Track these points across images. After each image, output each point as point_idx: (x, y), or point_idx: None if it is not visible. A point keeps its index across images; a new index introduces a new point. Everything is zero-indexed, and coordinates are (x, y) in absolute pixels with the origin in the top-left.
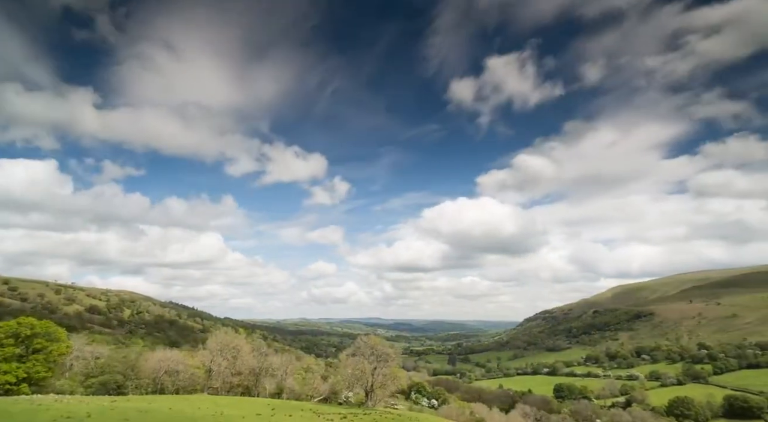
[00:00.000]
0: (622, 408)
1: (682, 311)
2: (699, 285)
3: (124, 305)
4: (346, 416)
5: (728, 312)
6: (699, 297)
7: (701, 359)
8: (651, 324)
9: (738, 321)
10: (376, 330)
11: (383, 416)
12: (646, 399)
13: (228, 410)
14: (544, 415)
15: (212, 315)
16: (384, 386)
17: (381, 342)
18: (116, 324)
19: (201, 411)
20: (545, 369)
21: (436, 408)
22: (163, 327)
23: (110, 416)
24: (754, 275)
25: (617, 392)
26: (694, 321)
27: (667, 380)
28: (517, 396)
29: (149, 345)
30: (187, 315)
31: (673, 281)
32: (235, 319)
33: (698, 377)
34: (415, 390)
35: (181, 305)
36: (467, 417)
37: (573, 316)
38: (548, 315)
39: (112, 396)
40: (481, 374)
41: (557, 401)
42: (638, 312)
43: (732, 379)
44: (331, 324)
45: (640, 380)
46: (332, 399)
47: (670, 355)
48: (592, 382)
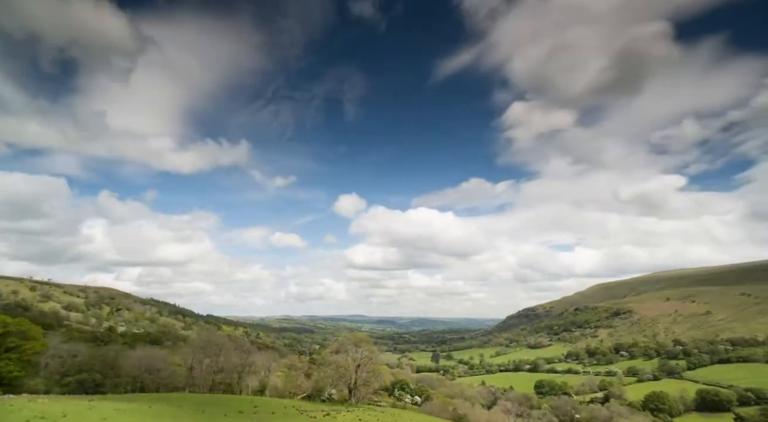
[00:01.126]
0: (600, 403)
1: (659, 308)
2: (676, 283)
3: (103, 302)
4: (330, 413)
5: (702, 309)
6: (675, 295)
7: (676, 355)
8: (630, 321)
9: (711, 318)
10: (360, 328)
11: (366, 413)
12: (623, 394)
13: (210, 408)
14: (525, 411)
15: (194, 313)
16: (367, 383)
17: (365, 339)
18: (95, 321)
19: (182, 410)
20: (527, 366)
21: (419, 405)
22: (143, 324)
23: (87, 416)
24: (727, 273)
25: (596, 388)
26: (671, 319)
27: (644, 375)
28: (499, 392)
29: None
30: (168, 312)
31: (651, 279)
32: (218, 316)
33: (673, 372)
34: (399, 386)
35: (162, 302)
36: (450, 414)
37: (555, 314)
38: (530, 312)
39: (90, 395)
40: (464, 371)
41: (538, 397)
42: (617, 309)
43: (704, 374)
44: (315, 322)
45: (618, 376)
46: (316, 396)
47: (647, 351)
48: (572, 378)
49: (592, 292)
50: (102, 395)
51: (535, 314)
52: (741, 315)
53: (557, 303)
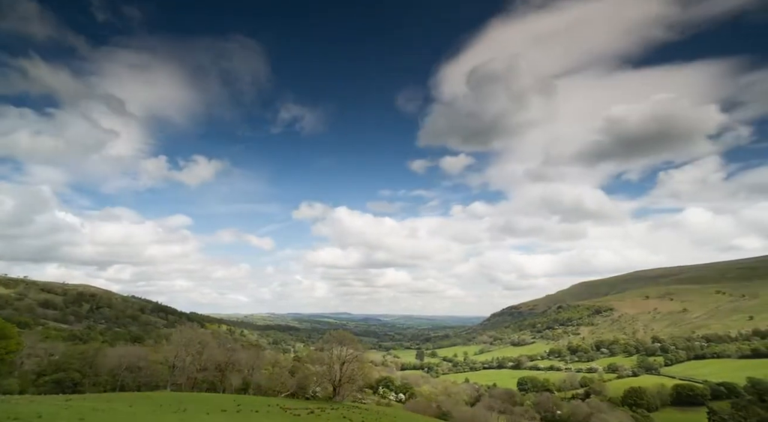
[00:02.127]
0: (581, 399)
1: (639, 306)
2: (655, 282)
3: (83, 299)
4: (314, 411)
5: (680, 307)
6: (655, 294)
7: (654, 351)
8: (611, 319)
9: (688, 316)
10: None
11: (351, 410)
12: (603, 390)
13: (192, 406)
14: (507, 408)
15: (177, 310)
16: (352, 380)
17: (349, 337)
18: (74, 319)
19: (163, 409)
20: (510, 363)
21: (403, 402)
22: (124, 322)
23: (64, 416)
24: (704, 272)
25: (577, 384)
26: (650, 316)
27: (623, 372)
28: (482, 389)
29: (109, 341)
30: (150, 309)
31: (631, 277)
32: (202, 314)
33: (651, 368)
34: (383, 384)
35: (144, 299)
36: (434, 411)
37: (538, 312)
38: (514, 310)
39: (67, 394)
40: (448, 368)
41: (521, 394)
42: (599, 307)
43: (680, 370)
44: (299, 320)
45: (598, 372)
46: (300, 394)
47: (627, 348)
48: (554, 375)
49: (574, 290)
50: (80, 394)
51: (518, 312)
52: (716, 313)
53: (541, 301)
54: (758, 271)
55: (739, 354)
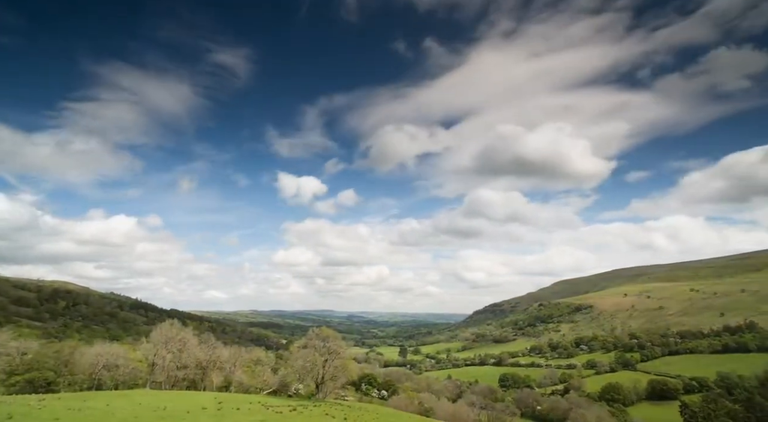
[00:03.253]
0: (560, 395)
1: (617, 304)
2: (633, 279)
3: (58, 297)
4: (296, 408)
5: (656, 304)
6: (633, 291)
7: (632, 347)
8: (590, 316)
9: (664, 313)
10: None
11: (333, 407)
12: (582, 386)
13: (172, 404)
14: (489, 404)
15: (158, 307)
16: (335, 378)
17: (333, 334)
18: (48, 317)
19: (142, 407)
20: (492, 360)
21: (385, 399)
22: (102, 319)
23: (37, 416)
24: (679, 270)
25: (557, 380)
26: (627, 313)
27: (602, 368)
28: (464, 386)
29: (86, 338)
30: (129, 306)
31: (610, 275)
32: (183, 311)
33: (628, 364)
34: (366, 381)
35: (123, 296)
36: (416, 407)
37: (520, 309)
38: (496, 307)
39: (40, 394)
40: (431, 365)
41: (502, 390)
42: (579, 305)
43: (656, 365)
44: (282, 317)
45: (577, 368)
46: (282, 391)
47: (605, 345)
48: (534, 372)
49: (555, 288)
50: (54, 393)
51: (501, 309)
52: (690, 310)
53: (522, 299)
54: (729, 270)
55: (711, 350)
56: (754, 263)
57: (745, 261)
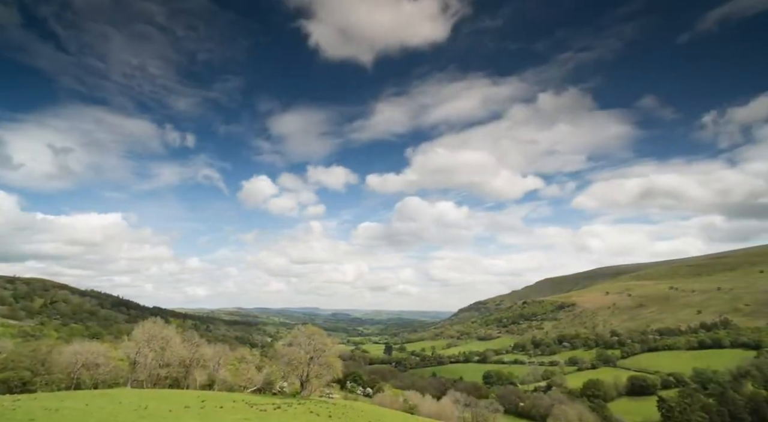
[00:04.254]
0: (543, 391)
1: (599, 302)
2: (615, 278)
3: (35, 294)
4: (280, 406)
5: (636, 302)
6: (614, 289)
7: (612, 345)
8: (573, 313)
9: (644, 311)
10: (314, 320)
11: (318, 405)
12: (564, 382)
13: (153, 403)
14: (473, 401)
15: (140, 305)
16: (320, 375)
17: (318, 331)
18: (25, 315)
19: (122, 406)
20: (476, 358)
21: (370, 397)
22: (82, 317)
23: (11, 417)
24: (659, 270)
25: (540, 377)
26: (609, 311)
27: (583, 365)
28: (449, 383)
29: (65, 337)
30: (111, 304)
31: (593, 274)
32: (166, 309)
33: (609, 361)
34: (351, 379)
35: (104, 294)
36: (401, 405)
37: (504, 307)
38: (481, 305)
39: (15, 394)
40: (416, 362)
41: (486, 387)
42: (562, 303)
43: (635, 362)
44: (267, 314)
45: (560, 365)
46: (267, 389)
47: (587, 342)
48: (518, 369)
49: (539, 287)
50: (30, 393)
51: (485, 307)
52: (668, 308)
53: (507, 297)
54: (707, 268)
55: (688, 346)
56: (729, 262)
57: (721, 260)
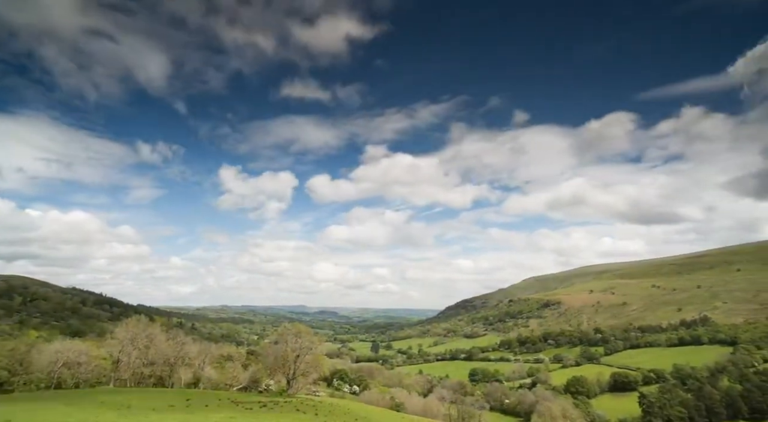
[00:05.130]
0: (528, 388)
1: (583, 300)
2: (599, 276)
3: (13, 292)
4: (266, 404)
5: (620, 300)
6: (598, 288)
7: (596, 342)
8: (558, 311)
9: (627, 308)
10: (301, 319)
11: (304, 403)
12: (549, 379)
13: (137, 402)
14: (459, 398)
15: (123, 302)
16: (306, 373)
17: (304, 329)
18: (3, 313)
19: (104, 406)
20: (462, 355)
21: (357, 394)
22: (63, 315)
23: None
24: (642, 268)
25: (525, 374)
26: (593, 309)
27: (567, 362)
28: (435, 380)
29: (45, 335)
30: (93, 302)
31: (578, 273)
32: (150, 307)
33: (592, 358)
34: (338, 377)
35: (86, 291)
36: (387, 402)
37: (490, 305)
38: (468, 303)
39: None
40: (402, 360)
41: (472, 384)
42: (547, 301)
43: (618, 359)
44: (254, 313)
45: (545, 363)
46: (253, 387)
47: (571, 340)
48: (503, 366)
49: (525, 285)
50: (8, 394)
51: (472, 305)
52: (650, 305)
53: (493, 295)
54: (687, 267)
55: (668, 343)
56: (709, 261)
57: (701, 259)
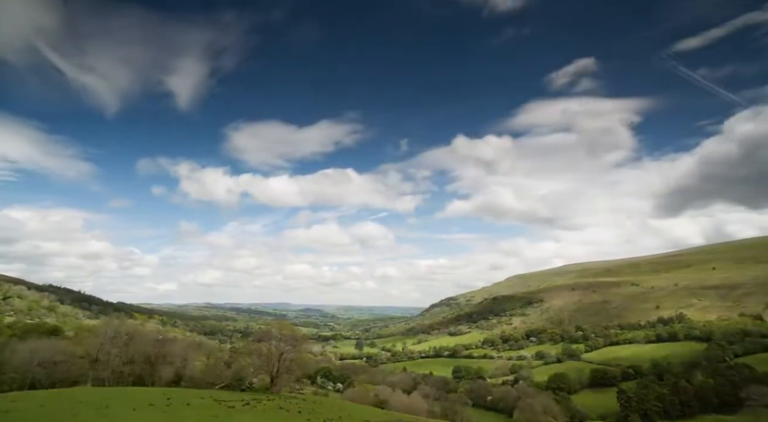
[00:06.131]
0: (510, 385)
1: (566, 298)
2: (581, 275)
3: None
4: (249, 402)
5: (601, 298)
6: (580, 286)
7: (577, 339)
8: (540, 309)
9: (608, 307)
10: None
11: (288, 401)
12: (531, 376)
13: (116, 402)
14: (442, 395)
15: (103, 300)
16: (290, 371)
17: (289, 326)
18: None
19: (82, 405)
20: (446, 353)
21: (341, 392)
22: (39, 313)
23: None
24: (622, 267)
25: (508, 371)
26: (575, 307)
27: (549, 359)
28: (419, 378)
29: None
30: (71, 300)
31: (561, 271)
32: (131, 304)
33: (573, 355)
34: (322, 374)
35: (63, 289)
36: (371, 399)
37: (474, 303)
38: (452, 301)
39: None
40: (387, 358)
41: (455, 381)
42: (530, 299)
43: (598, 355)
44: (238, 310)
45: (527, 360)
46: (236, 385)
47: (553, 337)
48: (487, 363)
49: (509, 283)
50: None
51: (456, 303)
52: (630, 303)
53: (477, 293)
54: (665, 266)
55: (646, 340)
56: (686, 260)
57: (678, 258)
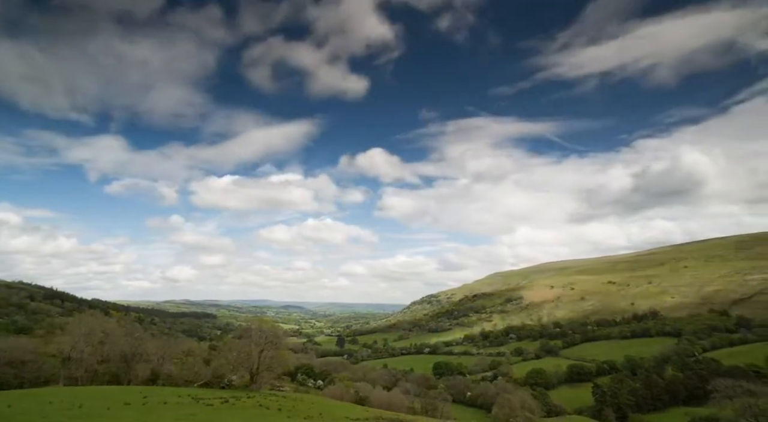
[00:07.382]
0: (489, 381)
1: (544, 295)
2: (560, 272)
3: None
4: (228, 400)
5: (578, 295)
6: (558, 283)
7: (555, 335)
8: (520, 306)
9: (584, 303)
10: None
11: (268, 398)
12: (510, 372)
13: (89, 401)
14: (423, 391)
15: (77, 297)
16: (270, 368)
17: (269, 323)
18: None
19: (52, 406)
20: (427, 349)
21: (322, 389)
22: (8, 311)
23: None
24: (599, 265)
25: (487, 367)
26: (553, 304)
27: (528, 355)
28: (400, 374)
29: None
30: (43, 296)
31: (540, 269)
32: (106, 301)
33: (551, 351)
34: (302, 371)
35: (34, 285)
36: (352, 396)
37: (455, 300)
38: (433, 298)
39: None
40: (367, 354)
41: (436, 377)
42: (510, 296)
43: (575, 351)
44: (217, 307)
45: (506, 356)
46: (215, 383)
47: (532, 333)
48: (467, 360)
49: (489, 280)
50: None
51: (437, 300)
52: (606, 301)
53: (458, 290)
54: (640, 264)
55: (621, 336)
56: (659, 258)
57: (652, 256)
